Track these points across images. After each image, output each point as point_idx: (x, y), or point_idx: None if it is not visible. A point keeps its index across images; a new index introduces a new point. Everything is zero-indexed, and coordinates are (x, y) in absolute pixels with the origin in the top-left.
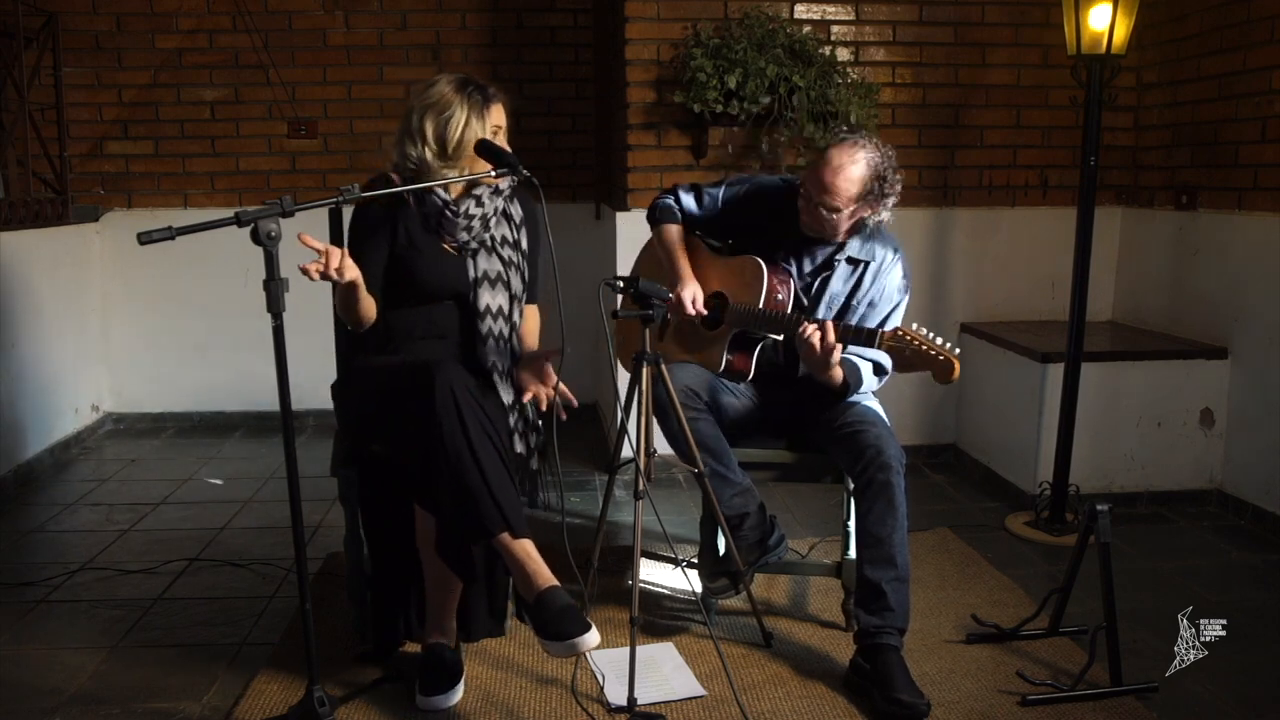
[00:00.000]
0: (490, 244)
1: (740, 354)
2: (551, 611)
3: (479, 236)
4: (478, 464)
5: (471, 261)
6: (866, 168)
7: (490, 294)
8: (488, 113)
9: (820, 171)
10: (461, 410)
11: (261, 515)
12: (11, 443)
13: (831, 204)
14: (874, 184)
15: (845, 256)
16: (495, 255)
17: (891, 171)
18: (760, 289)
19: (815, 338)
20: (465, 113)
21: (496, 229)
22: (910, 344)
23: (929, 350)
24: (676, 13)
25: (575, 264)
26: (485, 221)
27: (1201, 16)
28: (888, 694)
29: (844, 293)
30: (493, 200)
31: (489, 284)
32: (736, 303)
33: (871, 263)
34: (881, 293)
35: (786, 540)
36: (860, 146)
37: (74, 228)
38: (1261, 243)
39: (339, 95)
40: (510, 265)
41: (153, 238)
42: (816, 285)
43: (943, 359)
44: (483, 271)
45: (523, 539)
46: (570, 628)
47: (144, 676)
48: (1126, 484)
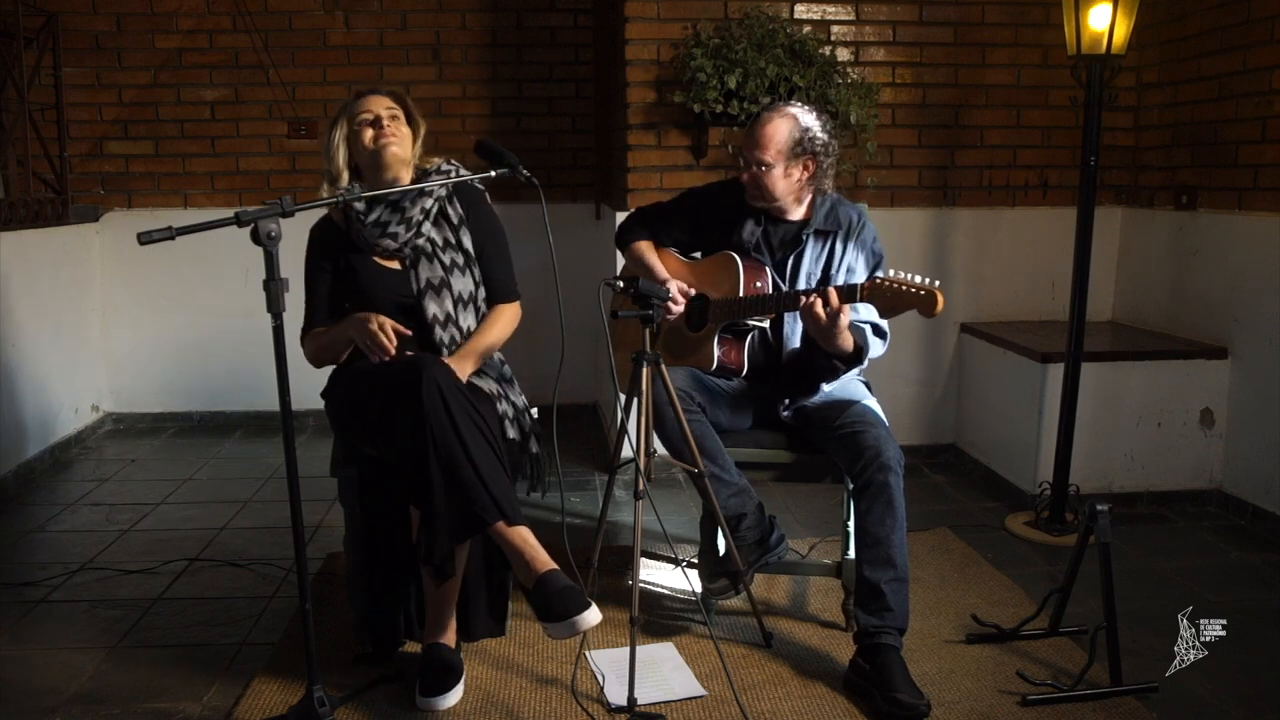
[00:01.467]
0: (430, 249)
1: (731, 348)
2: (552, 592)
3: (410, 243)
4: (468, 455)
5: (414, 273)
6: (791, 121)
7: (436, 302)
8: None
9: (751, 128)
10: (449, 403)
11: (261, 515)
12: (11, 443)
13: (760, 158)
14: (801, 136)
15: (811, 230)
16: (436, 260)
17: (822, 131)
18: (738, 279)
19: (819, 306)
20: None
21: (436, 232)
22: (890, 287)
23: (909, 288)
24: (676, 13)
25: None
26: (413, 226)
27: (1201, 16)
28: (888, 694)
29: (819, 268)
30: (417, 204)
31: (433, 292)
32: (718, 298)
33: (839, 230)
34: (858, 257)
35: (786, 540)
36: (790, 106)
37: (74, 228)
38: (1261, 243)
39: (339, 95)
40: (453, 268)
41: (153, 238)
42: (790, 264)
43: (924, 293)
44: (425, 281)
45: (519, 526)
46: (570, 606)
47: (144, 676)
48: (1126, 484)
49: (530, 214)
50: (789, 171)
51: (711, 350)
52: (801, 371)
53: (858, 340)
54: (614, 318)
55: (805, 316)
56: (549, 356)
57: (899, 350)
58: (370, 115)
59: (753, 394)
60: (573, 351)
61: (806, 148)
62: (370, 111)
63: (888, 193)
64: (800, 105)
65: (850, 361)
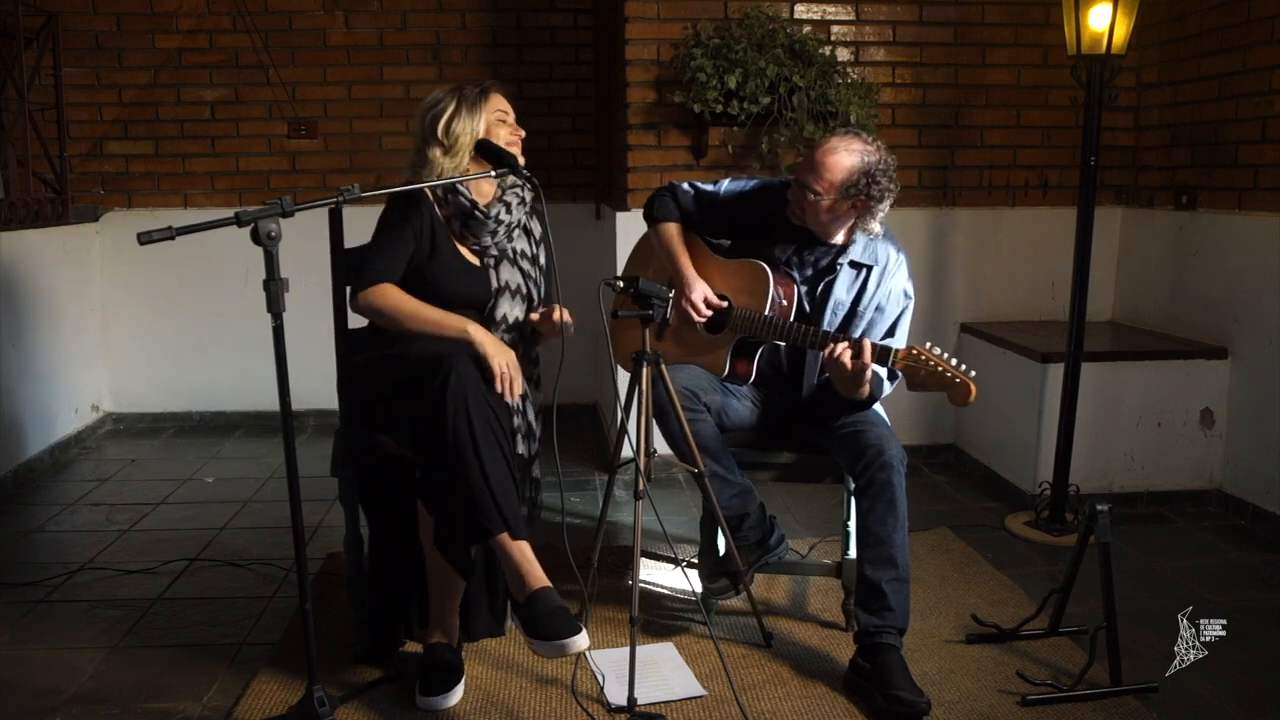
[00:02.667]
0: (514, 256)
1: (742, 359)
2: (542, 611)
3: (501, 245)
4: (480, 463)
5: (494, 272)
6: (859, 159)
7: (509, 305)
8: (485, 103)
9: (814, 150)
10: (470, 408)
11: (261, 515)
12: (11, 443)
13: (813, 184)
14: (861, 178)
15: (848, 260)
16: (517, 268)
17: (885, 177)
18: (766, 295)
19: (846, 357)
20: (458, 106)
21: (519, 242)
22: (926, 364)
23: (945, 371)
24: (676, 13)
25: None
26: (510, 230)
27: (1201, 16)
28: (888, 692)
29: (848, 299)
30: (519, 210)
31: (509, 295)
32: (741, 308)
33: (875, 266)
34: (888, 296)
35: (786, 540)
36: (860, 139)
37: (74, 228)
38: (1261, 243)
39: (339, 95)
40: (529, 279)
41: (153, 238)
42: (820, 290)
43: (959, 381)
44: (505, 282)
45: (520, 540)
46: (561, 628)
47: (144, 676)
48: (1126, 484)
49: None
50: (836, 206)
51: (725, 358)
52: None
53: (872, 390)
54: (614, 318)
55: (830, 361)
56: (549, 356)
57: None
58: (507, 116)
59: (763, 402)
60: (573, 351)
61: (862, 190)
62: (508, 111)
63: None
64: (873, 142)
65: (859, 407)
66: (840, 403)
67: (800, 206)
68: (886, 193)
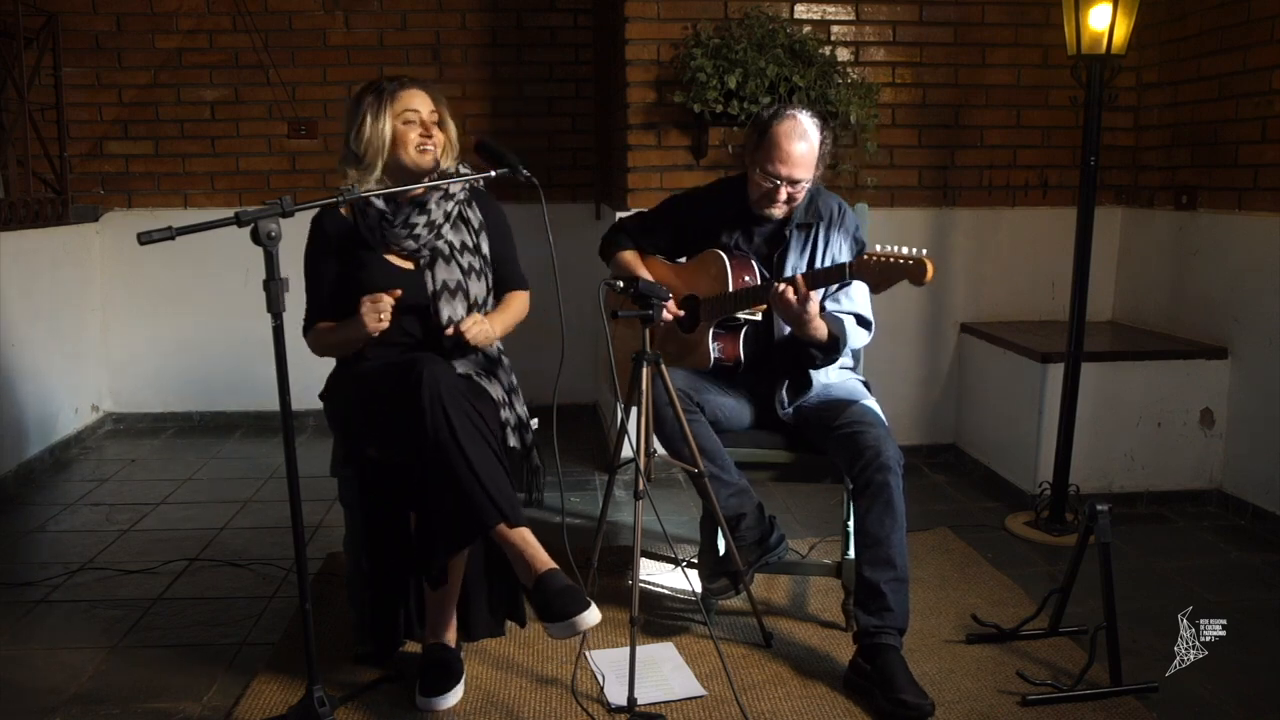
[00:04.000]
0: (449, 252)
1: (726, 343)
2: (552, 592)
3: (429, 244)
4: (466, 459)
5: (430, 273)
6: (817, 134)
7: (450, 305)
8: (390, 103)
9: (781, 148)
10: (446, 407)
11: (261, 515)
12: (11, 443)
13: (797, 177)
14: (824, 150)
15: (793, 225)
16: (454, 263)
17: (829, 132)
18: (726, 275)
19: (789, 293)
20: (363, 114)
21: (454, 235)
22: (878, 261)
23: (898, 260)
24: (676, 13)
25: (575, 264)
26: (435, 228)
27: (1201, 16)
28: (891, 694)
29: (803, 262)
30: (440, 206)
31: (449, 294)
32: (707, 295)
33: (820, 221)
34: (842, 245)
35: (786, 540)
36: (802, 117)
37: (74, 228)
38: (1261, 243)
39: (339, 95)
40: (470, 272)
41: (153, 238)
42: (775, 260)
43: (913, 263)
44: (441, 283)
45: (520, 528)
46: (570, 606)
47: (144, 676)
48: (1126, 484)
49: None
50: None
51: (707, 348)
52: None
53: (833, 329)
54: (614, 318)
55: (776, 305)
56: (549, 356)
57: (899, 350)
58: (415, 116)
59: (752, 393)
60: (573, 351)
61: (828, 151)
62: (415, 111)
63: (888, 193)
64: (806, 113)
65: (828, 351)
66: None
67: (790, 202)
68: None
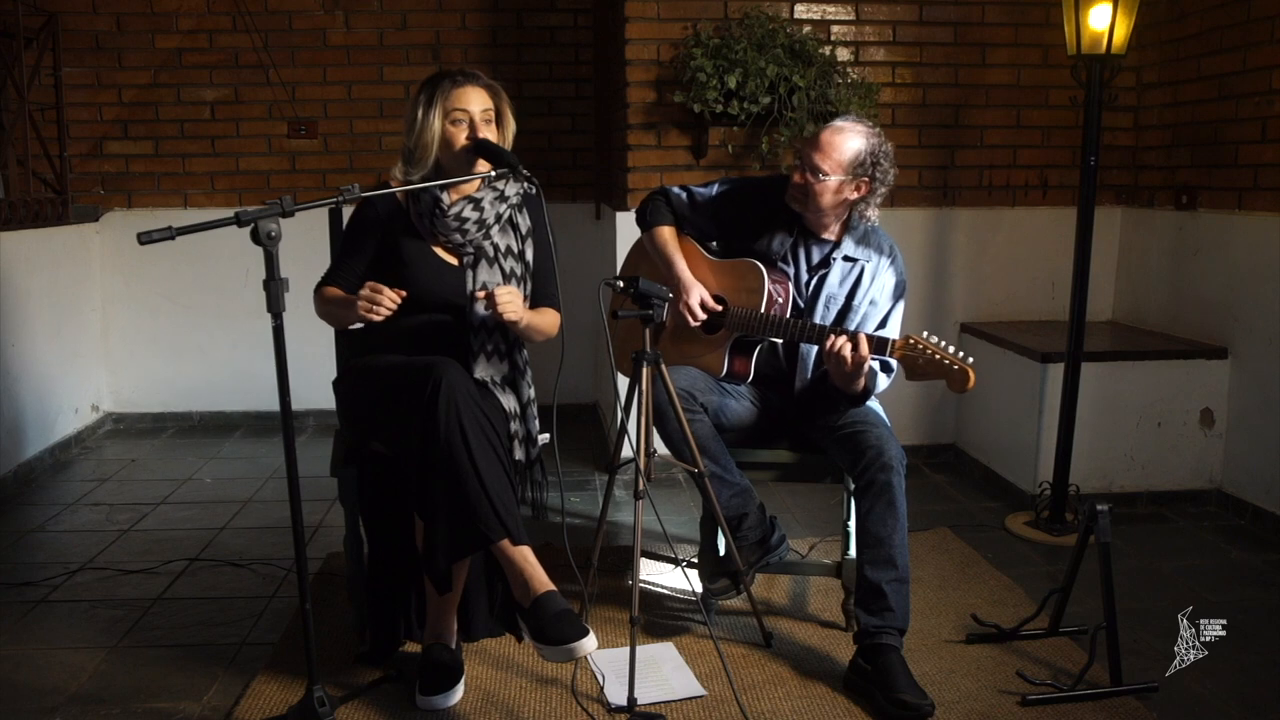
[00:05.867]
0: (493, 254)
1: (740, 357)
2: (548, 616)
3: (476, 242)
4: (476, 471)
5: (471, 273)
6: (864, 141)
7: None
8: (442, 100)
9: (820, 131)
10: (461, 415)
11: (261, 515)
12: (11, 443)
13: (821, 164)
14: (867, 159)
15: (843, 255)
16: (497, 266)
17: (886, 160)
18: (761, 293)
19: (846, 350)
20: (418, 111)
21: (501, 238)
22: (924, 353)
23: (943, 359)
24: (676, 13)
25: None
26: (484, 227)
27: (1201, 16)
28: (891, 695)
29: (842, 293)
30: (494, 206)
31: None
32: (737, 306)
33: (869, 262)
34: (883, 289)
35: (787, 540)
36: (864, 123)
37: (74, 228)
38: (1261, 243)
39: (339, 95)
40: (511, 277)
41: (153, 238)
42: (814, 284)
43: (958, 368)
44: (481, 283)
45: (521, 546)
46: (568, 632)
47: (144, 676)
48: (1126, 484)
49: None
50: (841, 188)
51: (722, 357)
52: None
53: (867, 384)
54: (614, 318)
55: (829, 355)
56: (549, 356)
57: None
58: (464, 115)
59: (761, 400)
60: (573, 351)
61: (867, 171)
62: (465, 110)
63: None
64: (874, 128)
65: (855, 402)
66: (837, 397)
67: (803, 191)
68: (888, 176)
